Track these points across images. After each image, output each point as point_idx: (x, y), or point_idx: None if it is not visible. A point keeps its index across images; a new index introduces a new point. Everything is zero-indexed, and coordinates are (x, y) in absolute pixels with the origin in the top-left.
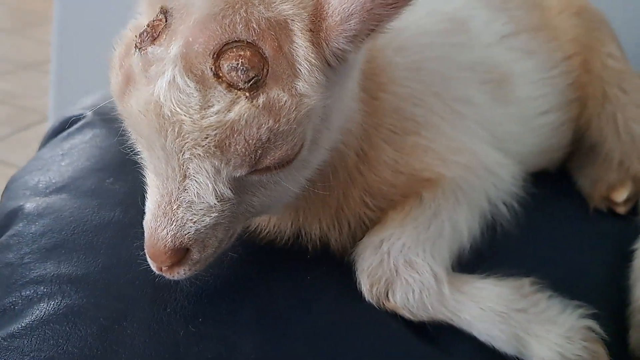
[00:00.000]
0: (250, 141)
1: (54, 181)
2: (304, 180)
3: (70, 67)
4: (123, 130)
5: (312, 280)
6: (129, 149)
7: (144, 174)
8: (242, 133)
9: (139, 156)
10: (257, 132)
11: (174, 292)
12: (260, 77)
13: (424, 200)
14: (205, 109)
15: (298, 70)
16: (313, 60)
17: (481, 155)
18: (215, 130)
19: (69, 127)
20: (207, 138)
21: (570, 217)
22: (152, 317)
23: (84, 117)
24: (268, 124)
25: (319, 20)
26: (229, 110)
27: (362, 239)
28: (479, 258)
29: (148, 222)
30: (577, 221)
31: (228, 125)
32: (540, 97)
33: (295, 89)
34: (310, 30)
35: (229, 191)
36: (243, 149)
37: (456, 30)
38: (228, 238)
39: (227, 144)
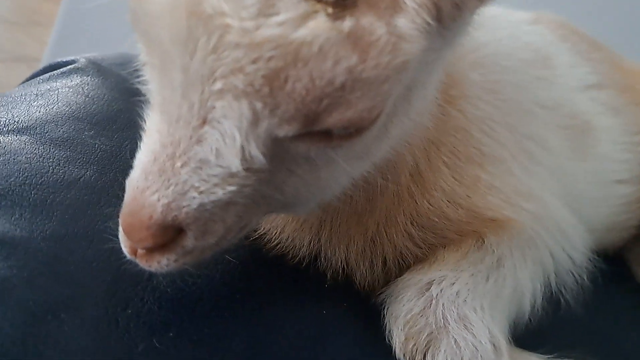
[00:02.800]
0: (318, 80)
1: (17, 119)
2: (358, 173)
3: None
4: (121, 82)
5: (328, 317)
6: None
7: (142, 122)
8: (310, 65)
9: (139, 106)
10: (332, 69)
11: (144, 288)
12: None
13: (486, 245)
14: (265, 15)
15: (402, 2)
16: None
17: (552, 209)
18: (272, 50)
19: (53, 70)
20: (256, 61)
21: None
22: (104, 315)
23: (74, 63)
24: (350, 60)
25: None
26: (300, 26)
27: (396, 278)
28: (538, 333)
29: (134, 179)
30: None
31: (293, 47)
32: (621, 163)
33: (395, 26)
34: None
35: (261, 157)
36: (303, 91)
37: (540, 64)
38: (237, 230)
39: (282, 78)
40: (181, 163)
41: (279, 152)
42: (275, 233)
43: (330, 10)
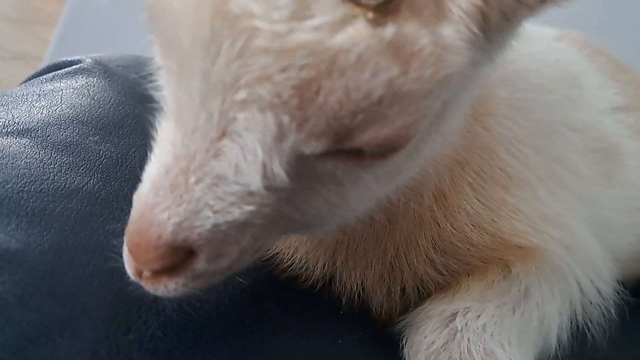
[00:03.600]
0: (354, 93)
1: (17, 120)
2: (384, 194)
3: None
4: (129, 86)
5: (344, 346)
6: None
7: (152, 130)
8: (346, 75)
9: (149, 112)
10: (370, 81)
11: (147, 311)
12: None
13: (513, 274)
14: (299, 18)
15: (448, 9)
16: (472, 4)
17: (580, 237)
18: (305, 57)
19: (57, 70)
20: (286, 70)
21: None
22: (103, 339)
23: (80, 63)
24: (391, 72)
25: None
26: (337, 31)
27: (416, 307)
28: None
29: (143, 194)
30: None
31: (329, 55)
32: None
33: (440, 36)
34: None
35: (284, 175)
36: (337, 105)
37: (569, 83)
38: (252, 252)
39: (314, 89)
40: (195, 178)
41: (302, 170)
42: (288, 253)
43: (370, 15)
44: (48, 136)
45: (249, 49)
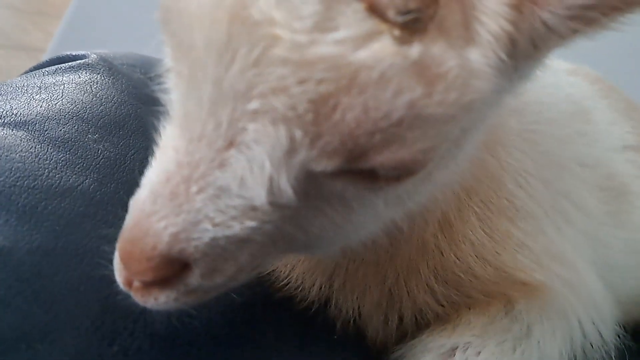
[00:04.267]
0: (373, 112)
1: (15, 112)
2: (391, 219)
3: None
4: (133, 86)
5: None
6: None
7: (155, 134)
8: (367, 93)
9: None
10: (392, 101)
11: (134, 322)
12: (422, 16)
13: (515, 311)
14: (322, 30)
15: (477, 32)
16: (502, 29)
17: (585, 277)
18: (325, 71)
19: (61, 63)
20: (304, 82)
21: None
22: (86, 350)
23: (85, 58)
24: (414, 93)
25: None
26: (361, 46)
27: (413, 337)
28: None
29: (140, 201)
30: None
31: (350, 71)
32: None
33: (467, 60)
34: None
35: (291, 191)
36: (354, 123)
37: (581, 118)
38: (249, 270)
39: (331, 105)
40: (197, 188)
41: (310, 188)
42: (285, 272)
43: (397, 32)
44: (46, 130)
45: (266, 57)
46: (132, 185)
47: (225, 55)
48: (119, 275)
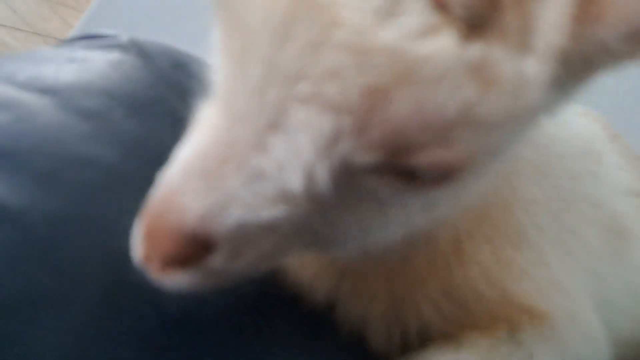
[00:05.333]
0: (426, 107)
1: (43, 77)
2: (415, 226)
3: None
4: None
5: None
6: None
7: (189, 116)
8: (421, 87)
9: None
10: (446, 98)
11: (146, 302)
12: (485, 17)
13: (518, 337)
14: (387, 18)
15: (534, 42)
16: (560, 41)
17: (586, 312)
18: (384, 60)
19: (91, 39)
20: (360, 70)
21: None
22: (91, 322)
23: (116, 38)
24: (469, 93)
25: None
26: (423, 38)
27: (415, 351)
28: None
29: (170, 175)
30: None
31: (409, 62)
32: None
33: (523, 68)
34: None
35: (328, 182)
36: (404, 117)
37: (593, 158)
38: (268, 260)
39: (384, 96)
40: (232, 169)
41: (344, 181)
42: (296, 270)
43: (460, 28)
44: (72, 99)
45: (324, 40)
46: (155, 164)
47: (280, 34)
48: (138, 250)
